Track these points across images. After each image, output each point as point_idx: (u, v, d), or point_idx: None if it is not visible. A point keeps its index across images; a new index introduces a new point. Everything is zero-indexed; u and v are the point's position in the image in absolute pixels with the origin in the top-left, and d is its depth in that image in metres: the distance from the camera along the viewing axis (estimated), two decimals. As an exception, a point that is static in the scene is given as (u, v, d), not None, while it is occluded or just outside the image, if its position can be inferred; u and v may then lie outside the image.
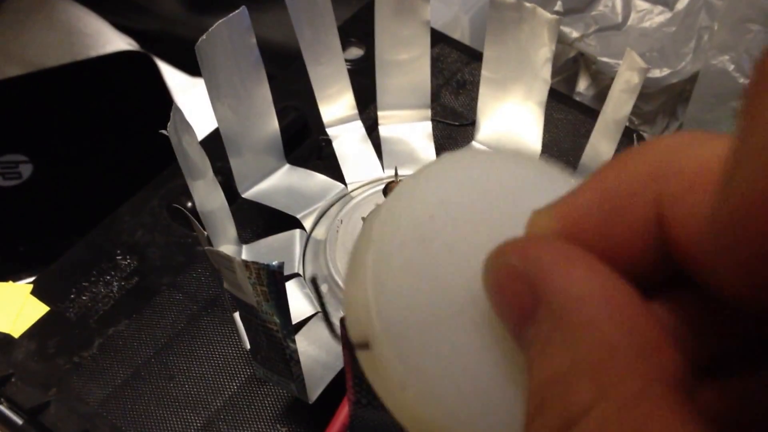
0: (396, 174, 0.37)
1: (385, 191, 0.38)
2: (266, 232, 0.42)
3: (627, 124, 0.37)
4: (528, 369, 0.15)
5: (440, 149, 0.47)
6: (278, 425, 0.37)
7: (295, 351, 0.32)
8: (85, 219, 0.48)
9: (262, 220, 0.44)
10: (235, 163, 0.42)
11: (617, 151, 0.39)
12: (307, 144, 0.47)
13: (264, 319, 0.31)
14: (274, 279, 0.29)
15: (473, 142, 0.46)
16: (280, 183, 0.44)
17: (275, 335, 0.32)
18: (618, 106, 0.37)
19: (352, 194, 0.43)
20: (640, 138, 0.43)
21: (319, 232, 0.41)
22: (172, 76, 0.64)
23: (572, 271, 0.14)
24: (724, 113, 0.55)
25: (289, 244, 0.41)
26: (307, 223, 0.42)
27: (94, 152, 0.61)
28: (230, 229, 0.41)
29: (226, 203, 0.40)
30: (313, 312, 0.38)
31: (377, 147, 0.45)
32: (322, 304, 0.37)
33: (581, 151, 0.41)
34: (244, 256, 0.41)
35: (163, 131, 0.35)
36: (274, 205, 0.42)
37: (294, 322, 0.32)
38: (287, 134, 0.45)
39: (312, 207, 0.42)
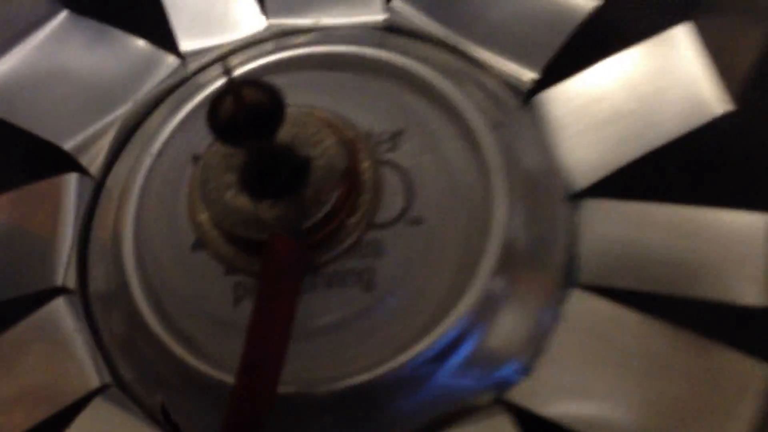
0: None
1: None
2: (3, 177, 0.20)
3: None
4: None
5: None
6: None
7: None
8: None
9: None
10: None
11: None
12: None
13: None
14: None
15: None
16: (41, 61, 0.20)
17: None
18: None
19: (197, 82, 0.20)
20: None
21: (117, 176, 0.19)
22: None
23: None
24: None
25: (52, 207, 0.19)
26: (92, 156, 0.19)
27: None
28: None
29: None
30: (97, 384, 0.17)
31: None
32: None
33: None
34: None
35: None
36: (19, 122, 0.19)
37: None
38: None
39: (103, 117, 0.20)
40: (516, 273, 0.17)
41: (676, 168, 0.19)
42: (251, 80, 0.14)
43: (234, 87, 0.14)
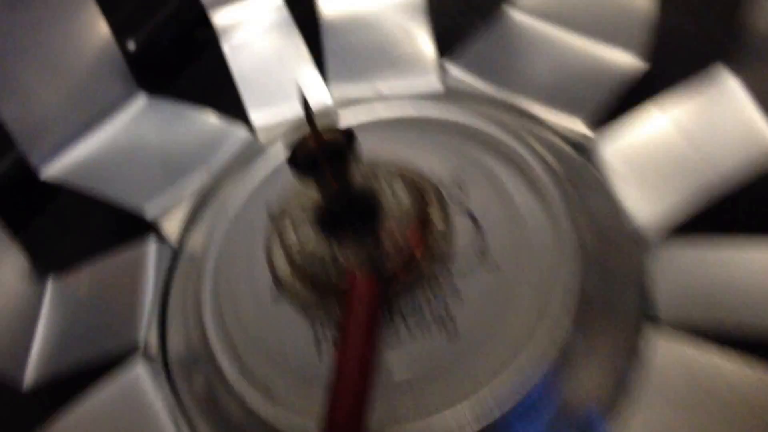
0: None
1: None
2: (89, 247, 0.20)
3: None
4: None
5: (445, 35, 0.23)
6: None
7: None
8: None
9: (84, 222, 0.22)
10: (11, 112, 0.20)
11: None
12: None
13: None
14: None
15: (509, 11, 0.22)
16: (126, 139, 0.21)
17: None
18: None
19: (268, 152, 0.21)
20: None
21: (194, 242, 0.20)
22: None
23: None
24: None
25: (132, 275, 0.19)
26: (170, 224, 0.20)
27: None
28: (10, 260, 0.19)
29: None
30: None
31: (314, 40, 0.22)
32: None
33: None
34: (47, 301, 0.20)
35: None
36: (100, 191, 0.20)
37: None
38: (156, 36, 0.22)
39: (180, 188, 0.20)
40: (592, 322, 0.17)
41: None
42: (328, 125, 0.15)
43: (314, 125, 0.15)
